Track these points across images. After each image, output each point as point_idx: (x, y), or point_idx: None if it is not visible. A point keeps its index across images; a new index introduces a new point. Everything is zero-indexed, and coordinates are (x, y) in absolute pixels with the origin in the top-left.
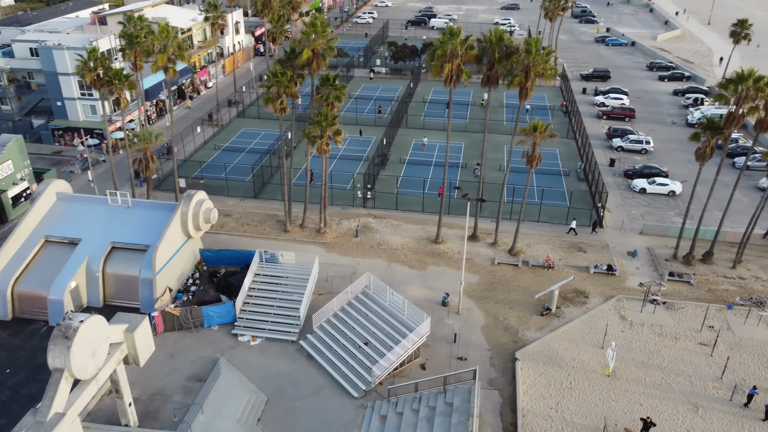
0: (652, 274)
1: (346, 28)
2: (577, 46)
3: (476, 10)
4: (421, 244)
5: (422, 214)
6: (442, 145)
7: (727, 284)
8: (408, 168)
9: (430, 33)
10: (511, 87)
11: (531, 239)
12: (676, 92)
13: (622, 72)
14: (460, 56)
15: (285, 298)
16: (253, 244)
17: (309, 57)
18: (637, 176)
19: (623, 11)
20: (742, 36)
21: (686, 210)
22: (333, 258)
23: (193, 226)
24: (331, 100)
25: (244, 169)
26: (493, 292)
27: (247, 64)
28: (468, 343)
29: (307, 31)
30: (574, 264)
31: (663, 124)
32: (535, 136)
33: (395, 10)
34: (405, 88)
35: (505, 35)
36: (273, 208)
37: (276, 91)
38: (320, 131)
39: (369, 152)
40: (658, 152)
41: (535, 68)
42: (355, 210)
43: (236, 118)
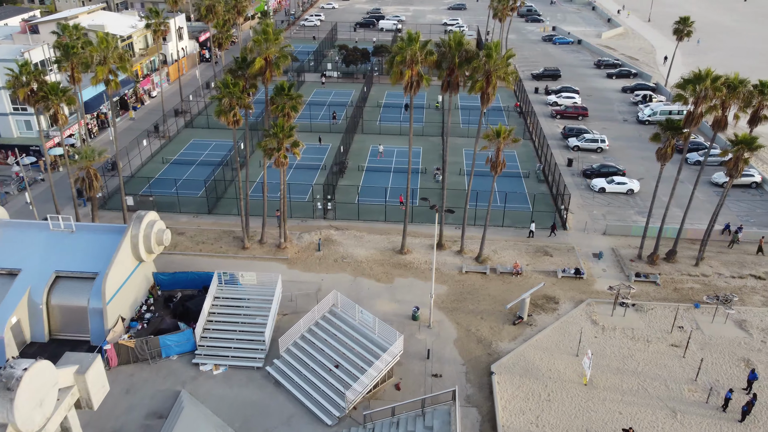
0: (618, 275)
1: (294, 32)
2: (526, 46)
3: (423, 11)
4: (387, 256)
5: (385, 224)
6: (399, 150)
7: (691, 282)
8: (367, 176)
9: (379, 35)
10: (472, 92)
11: (497, 245)
12: (625, 89)
13: (571, 70)
14: (420, 62)
15: (248, 321)
16: (210, 264)
17: (262, 66)
18: (596, 176)
19: (567, 9)
20: (685, 33)
21: (649, 209)
22: (296, 275)
23: (145, 250)
24: (287, 111)
25: (196, 183)
26: (463, 303)
27: (192, 71)
28: (442, 358)
29: (259, 39)
30: (541, 269)
31: (615, 122)
32: (499, 141)
33: (342, 12)
34: (358, 92)
35: (464, 39)
36: (229, 223)
37: (228, 102)
38: (277, 143)
39: (326, 160)
40: (612, 150)
41: (496, 73)
42: (316, 222)
43: (184, 129)
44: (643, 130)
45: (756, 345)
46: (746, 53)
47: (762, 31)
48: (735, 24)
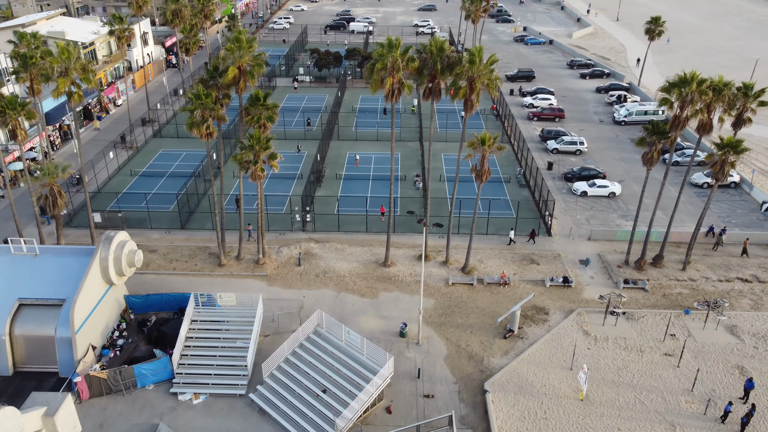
0: (607, 282)
1: (263, 35)
2: (498, 46)
3: (394, 12)
4: (370, 269)
5: (366, 235)
6: (377, 156)
7: (679, 287)
8: (345, 184)
9: (350, 37)
10: (455, 99)
11: (482, 254)
12: (599, 89)
13: (544, 71)
14: (401, 69)
15: (228, 345)
16: (184, 284)
17: (235, 75)
18: (577, 179)
19: (536, 9)
20: (657, 33)
21: (636, 214)
22: (276, 292)
23: (116, 273)
24: (262, 122)
25: (167, 197)
26: (451, 317)
27: (159, 78)
28: (433, 377)
29: (232, 47)
30: (529, 278)
31: (591, 123)
32: (484, 149)
33: (312, 14)
34: (332, 96)
35: (446, 45)
36: (204, 239)
37: (200, 114)
38: (253, 156)
39: (302, 169)
40: (591, 152)
41: (480, 79)
42: (295, 235)
43: (153, 139)
44: (619, 130)
45: (749, 351)
46: (713, 51)
47: (726, 29)
48: (700, 22)
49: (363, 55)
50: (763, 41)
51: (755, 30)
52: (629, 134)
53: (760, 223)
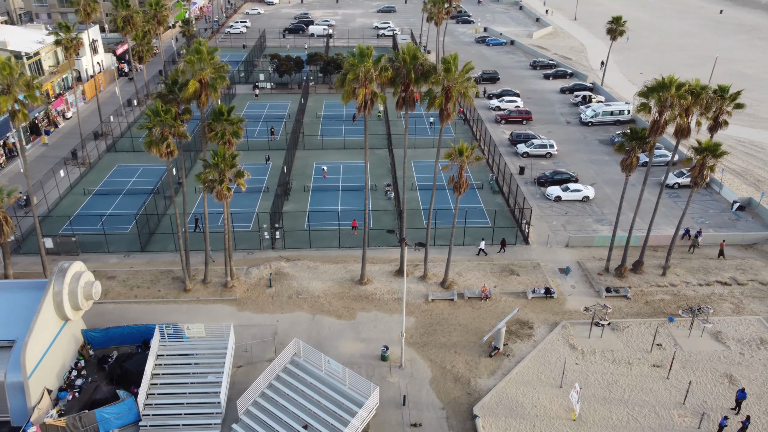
0: (588, 291)
1: (219, 40)
2: (460, 48)
3: (353, 15)
4: (345, 288)
5: (339, 251)
6: (345, 166)
7: (661, 294)
8: (314, 197)
9: (310, 41)
10: (431, 109)
11: (460, 266)
12: (564, 90)
13: (508, 72)
14: (374, 79)
15: (199, 381)
16: (148, 313)
17: (196, 89)
18: (549, 183)
19: (495, 9)
20: (618, 33)
21: (615, 221)
22: (248, 317)
23: (72, 307)
24: (227, 137)
25: (125, 218)
26: (433, 336)
27: (111, 88)
28: (419, 403)
29: (192, 59)
30: (510, 290)
31: (558, 124)
32: (462, 160)
33: (269, 17)
34: (295, 103)
35: (419, 53)
36: (166, 261)
37: (160, 132)
38: (218, 175)
39: (267, 181)
40: (561, 155)
41: (456, 88)
42: (264, 254)
43: (106, 154)
44: (587, 131)
45: (735, 358)
46: (670, 49)
47: (680, 27)
48: (655, 20)
49: (325, 59)
50: (716, 38)
51: (708, 27)
52: (597, 135)
53: (733, 222)
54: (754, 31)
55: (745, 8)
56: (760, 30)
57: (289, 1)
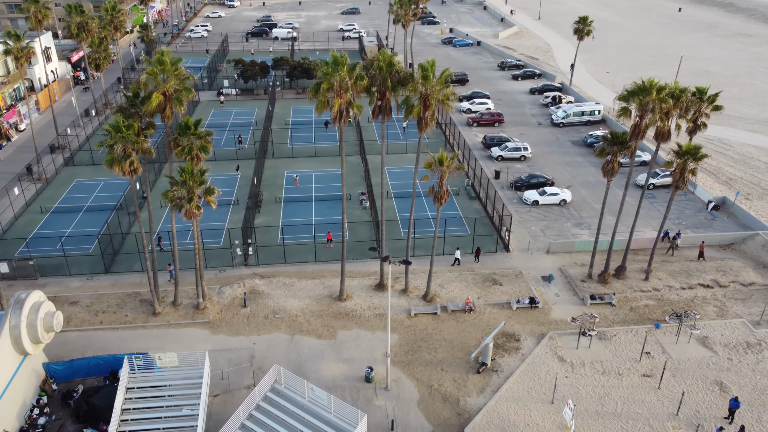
0: (572, 299)
1: (179, 44)
2: (426, 49)
3: (317, 17)
4: (324, 305)
5: (316, 265)
6: (318, 174)
7: (645, 299)
8: (287, 209)
9: (274, 44)
10: (408, 118)
11: (441, 278)
12: (533, 91)
13: (476, 74)
14: (350, 89)
15: (173, 415)
16: (115, 340)
17: (160, 102)
18: (526, 187)
19: (459, 10)
20: (585, 33)
21: (598, 226)
22: (222, 341)
23: (31, 341)
24: (195, 153)
25: (86, 237)
26: (418, 353)
27: (67, 97)
28: (407, 427)
29: (154, 71)
30: (494, 301)
31: (530, 126)
32: (442, 170)
33: (230, 20)
34: (262, 110)
35: (395, 60)
36: (133, 283)
37: (122, 149)
38: (187, 192)
39: (237, 193)
40: (535, 157)
41: (434, 96)
42: (236, 271)
43: (64, 168)
44: (559, 133)
45: (724, 364)
46: (634, 47)
47: (642, 25)
48: (617, 19)
49: (291, 64)
50: (677, 36)
51: (669, 25)
52: (569, 136)
53: (709, 222)
54: (713, 29)
55: (702, 6)
56: (718, 27)
57: (251, 4)
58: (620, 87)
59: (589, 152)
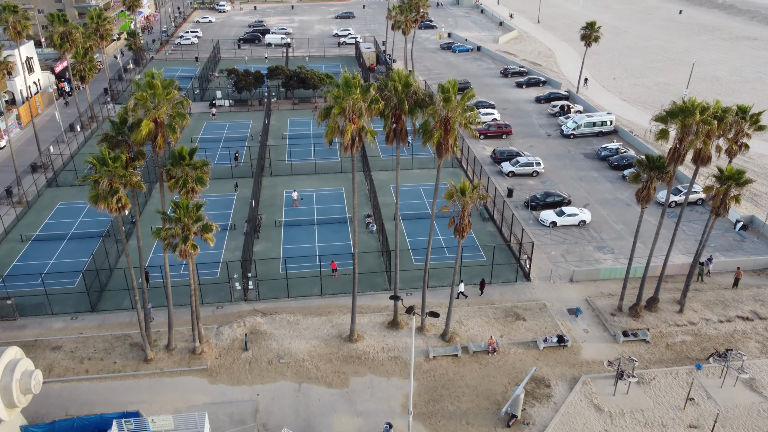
0: (603, 335)
1: (169, 52)
2: (425, 55)
3: (310, 21)
4: (333, 347)
5: (321, 299)
6: (319, 195)
7: (681, 334)
8: (287, 233)
9: (268, 51)
10: (427, 144)
11: (459, 312)
12: (539, 99)
13: (478, 81)
14: (364, 114)
15: None
16: (102, 393)
17: (150, 130)
18: (542, 207)
19: (456, 14)
20: (593, 39)
21: (630, 256)
22: (222, 392)
23: (5, 406)
24: (190, 185)
25: (71, 268)
26: (440, 403)
27: (50, 110)
28: None
29: (143, 95)
30: (518, 339)
31: (539, 138)
32: (464, 200)
33: (221, 26)
34: (257, 122)
35: (411, 79)
36: (122, 323)
37: (108, 184)
38: (182, 230)
39: (234, 215)
40: (547, 172)
41: (457, 119)
42: (236, 307)
43: (47, 189)
44: (570, 145)
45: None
46: (637, 52)
47: (643, 29)
48: (617, 22)
49: (287, 73)
50: (679, 40)
51: (670, 29)
52: (580, 148)
53: (738, 244)
54: (716, 32)
55: (702, 8)
56: (720, 30)
57: (241, 8)
58: (628, 93)
59: (603, 166)
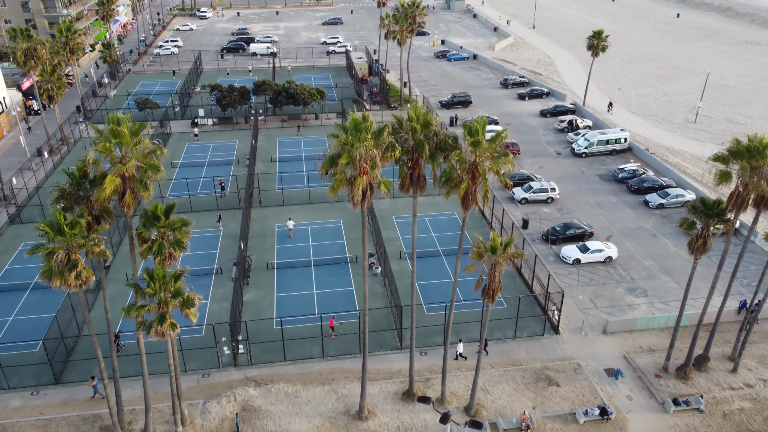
0: (649, 403)
1: (147, 64)
2: (420, 64)
3: (296, 28)
4: (341, 426)
5: (324, 362)
6: (314, 228)
7: (738, 400)
8: (280, 277)
9: (253, 61)
10: (450, 195)
11: (482, 377)
12: (544, 113)
13: (477, 92)
14: (379, 163)
15: None
16: None
17: (117, 188)
18: (561, 240)
19: (448, 19)
20: (600, 48)
21: (681, 306)
22: None
23: None
24: (167, 252)
25: (33, 328)
26: None
27: (15, 133)
28: None
29: (107, 147)
30: (554, 411)
31: (548, 157)
32: (495, 259)
33: (202, 34)
34: (243, 143)
35: (431, 118)
36: (90, 400)
37: (65, 257)
38: (158, 307)
39: (219, 258)
40: (562, 198)
41: (486, 165)
42: (224, 375)
43: (8, 227)
44: (583, 165)
45: None
46: (639, 58)
47: (642, 34)
48: (613, 26)
49: (274, 88)
50: (680, 45)
51: (669, 33)
52: (594, 169)
53: None
54: (717, 36)
55: (699, 10)
56: (721, 34)
57: (223, 15)
58: (636, 105)
59: (621, 189)
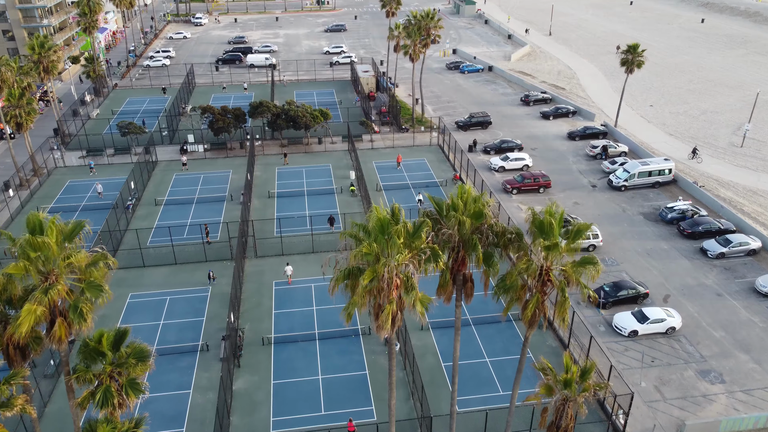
0: None
1: (135, 77)
2: (431, 77)
3: (297, 36)
4: None
5: None
6: (317, 286)
7: None
8: (279, 356)
9: (250, 74)
10: (510, 310)
11: None
12: (573, 136)
13: (496, 111)
14: (412, 281)
15: None
16: None
17: (39, 320)
18: (612, 303)
19: (458, 25)
20: (635, 65)
21: None
22: None
23: None
24: (116, 401)
25: None
26: None
27: None
28: None
29: (23, 265)
30: None
31: (582, 190)
32: (565, 393)
33: (197, 42)
34: (237, 173)
35: (483, 206)
36: None
37: None
38: None
39: (205, 331)
40: (605, 244)
41: (564, 274)
42: None
43: None
44: (623, 200)
45: None
46: (668, 70)
47: (666, 41)
48: (635, 33)
49: (273, 111)
50: (709, 54)
51: (695, 40)
52: (636, 206)
53: None
54: (748, 44)
55: (724, 15)
56: (753, 42)
57: (219, 21)
58: (672, 126)
59: (671, 233)
